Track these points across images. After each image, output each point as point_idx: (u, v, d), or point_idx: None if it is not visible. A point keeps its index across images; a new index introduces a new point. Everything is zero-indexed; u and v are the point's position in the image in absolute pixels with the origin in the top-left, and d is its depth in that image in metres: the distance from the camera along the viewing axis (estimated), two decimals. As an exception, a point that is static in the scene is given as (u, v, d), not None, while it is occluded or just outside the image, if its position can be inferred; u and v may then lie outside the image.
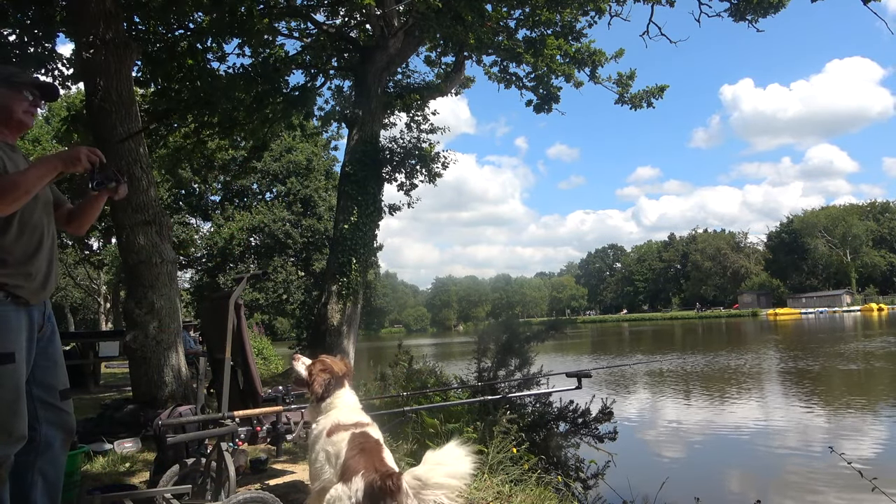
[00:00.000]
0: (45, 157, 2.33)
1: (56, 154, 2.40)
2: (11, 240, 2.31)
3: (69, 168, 2.35)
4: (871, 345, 22.51)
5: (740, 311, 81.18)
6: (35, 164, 2.29)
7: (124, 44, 6.59)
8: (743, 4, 11.10)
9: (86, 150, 2.37)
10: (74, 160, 2.34)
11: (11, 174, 2.25)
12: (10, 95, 2.49)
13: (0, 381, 2.19)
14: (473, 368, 6.28)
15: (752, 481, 6.92)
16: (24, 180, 2.22)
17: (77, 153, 2.36)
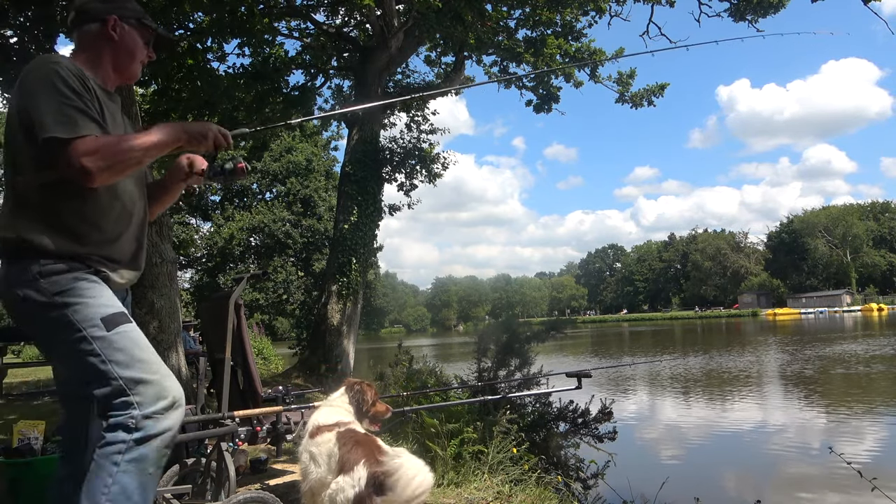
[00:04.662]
0: (165, 124, 1.91)
1: (180, 124, 1.98)
2: (98, 212, 1.89)
3: (192, 145, 1.95)
4: (871, 345, 22.51)
5: (740, 311, 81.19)
6: (154, 130, 1.87)
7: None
8: (743, 4, 11.11)
9: (216, 130, 2.00)
10: (200, 137, 1.95)
11: (122, 137, 1.83)
12: (138, 38, 2.10)
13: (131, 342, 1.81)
14: (473, 368, 6.28)
15: (751, 481, 6.92)
16: (137, 147, 1.80)
17: (206, 130, 1.98)
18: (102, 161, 1.73)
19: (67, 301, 1.76)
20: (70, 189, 1.81)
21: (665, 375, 16.17)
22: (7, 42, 7.88)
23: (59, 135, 1.71)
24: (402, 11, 11.44)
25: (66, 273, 1.79)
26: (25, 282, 1.78)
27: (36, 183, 1.80)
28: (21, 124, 1.80)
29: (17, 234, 1.80)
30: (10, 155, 1.86)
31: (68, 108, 1.75)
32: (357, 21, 12.98)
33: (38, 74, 1.80)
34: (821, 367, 16.16)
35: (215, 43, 9.70)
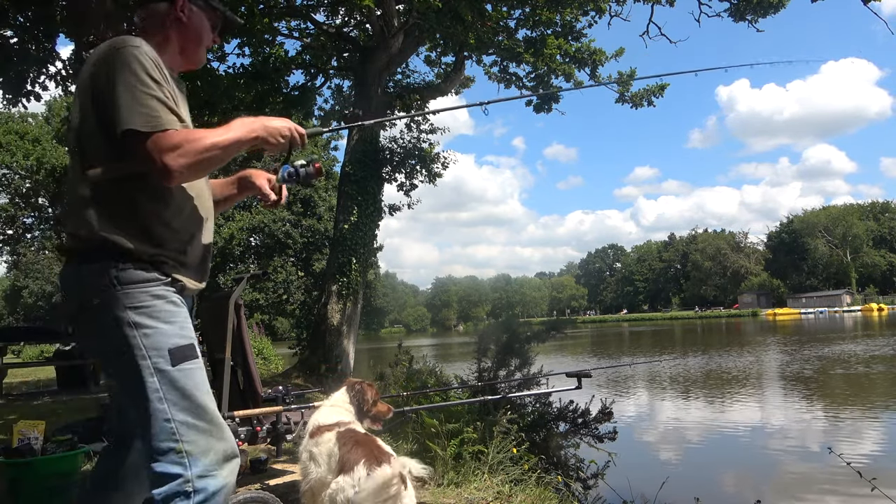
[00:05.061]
0: (245, 119, 1.76)
1: (260, 120, 1.78)
2: (173, 211, 1.73)
3: (268, 143, 1.77)
4: (871, 345, 22.51)
5: (740, 311, 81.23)
6: (235, 126, 1.72)
7: (124, 44, 6.60)
8: (743, 4, 11.11)
9: (294, 128, 1.83)
10: (277, 135, 1.78)
11: (203, 133, 1.65)
12: (205, 20, 1.95)
13: (193, 383, 1.63)
14: (473, 368, 6.28)
15: (751, 481, 6.92)
16: (219, 144, 1.64)
17: (286, 127, 1.80)
18: (184, 158, 1.59)
19: (140, 322, 1.61)
20: (145, 185, 1.67)
21: (665, 376, 16.17)
22: (7, 42, 7.87)
23: (140, 128, 1.57)
24: (402, 11, 11.44)
25: (144, 284, 1.64)
26: (100, 286, 1.62)
27: (108, 176, 1.64)
28: (94, 111, 1.65)
29: (92, 230, 1.64)
30: (79, 142, 1.70)
31: (149, 98, 1.61)
32: (357, 21, 12.98)
33: (118, 57, 1.63)
34: (820, 368, 16.16)
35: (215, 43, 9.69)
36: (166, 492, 1.55)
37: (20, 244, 29.31)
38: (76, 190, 1.68)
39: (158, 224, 1.69)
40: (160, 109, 1.61)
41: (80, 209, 1.66)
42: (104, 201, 1.65)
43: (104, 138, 1.64)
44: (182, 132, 1.62)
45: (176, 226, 1.73)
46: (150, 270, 1.65)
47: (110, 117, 1.60)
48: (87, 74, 1.69)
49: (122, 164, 1.64)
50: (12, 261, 40.15)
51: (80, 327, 1.73)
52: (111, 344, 1.63)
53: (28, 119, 26.04)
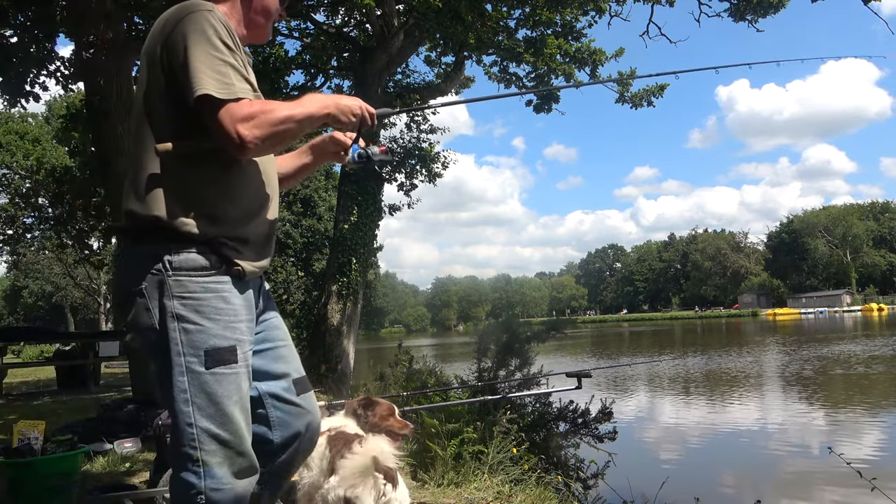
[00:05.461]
0: (317, 95, 1.68)
1: (332, 97, 1.70)
2: (239, 187, 1.62)
3: (338, 121, 1.67)
4: (871, 345, 22.51)
5: (740, 311, 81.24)
6: (306, 101, 1.61)
7: (124, 44, 6.60)
8: (743, 4, 11.09)
9: (365, 107, 1.73)
10: (349, 113, 1.68)
11: (277, 104, 1.55)
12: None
13: (225, 391, 1.52)
14: (473, 368, 6.28)
15: (751, 481, 6.92)
16: (294, 117, 1.54)
17: (357, 106, 1.70)
18: (259, 130, 1.48)
19: (184, 314, 1.50)
20: (213, 159, 1.56)
21: (665, 376, 16.17)
22: (7, 42, 7.87)
23: (215, 93, 1.45)
24: (402, 11, 11.43)
25: (197, 273, 1.52)
26: (151, 271, 1.51)
27: (178, 151, 1.53)
28: (164, 79, 1.54)
29: (151, 210, 1.52)
30: (147, 114, 1.58)
31: (223, 64, 1.50)
32: (357, 21, 12.97)
33: (190, 21, 1.52)
34: (820, 368, 16.16)
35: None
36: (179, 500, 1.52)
37: (20, 244, 29.29)
38: (139, 165, 1.56)
39: (223, 201, 1.58)
40: (234, 76, 1.51)
41: (141, 186, 1.54)
42: (170, 177, 1.54)
43: (173, 109, 1.54)
44: (257, 102, 1.53)
45: (242, 203, 1.62)
46: (207, 256, 1.54)
47: (181, 84, 1.50)
48: (154, 41, 1.58)
49: (192, 138, 1.54)
50: (12, 261, 40.14)
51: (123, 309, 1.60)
52: (152, 333, 1.53)
53: (28, 119, 26.03)
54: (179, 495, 1.51)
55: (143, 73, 1.61)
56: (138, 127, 1.60)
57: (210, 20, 1.53)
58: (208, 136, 1.51)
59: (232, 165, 1.60)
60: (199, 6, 1.56)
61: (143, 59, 1.62)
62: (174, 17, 1.55)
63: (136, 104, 1.63)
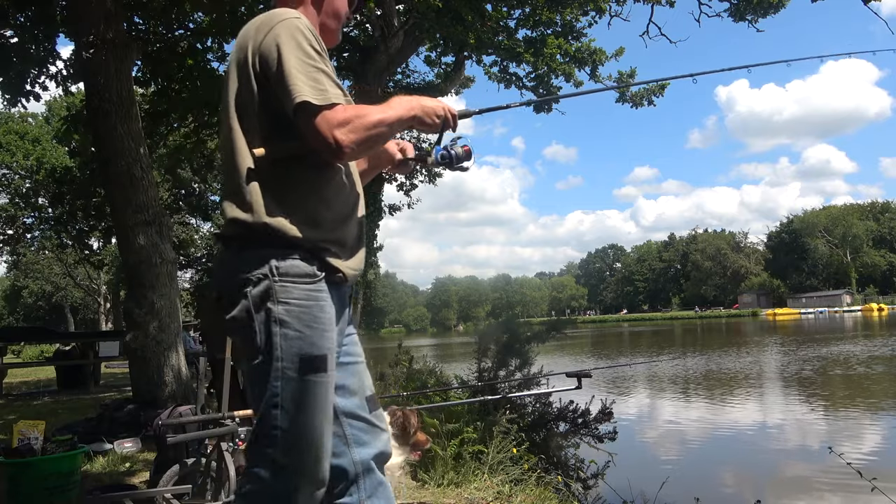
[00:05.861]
0: (403, 98, 1.69)
1: (417, 99, 1.70)
2: (333, 191, 1.64)
3: (423, 123, 1.69)
4: (871, 346, 22.52)
5: (740, 311, 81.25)
6: (394, 103, 1.64)
7: (124, 44, 6.60)
8: (743, 4, 11.10)
9: (448, 108, 1.75)
10: (433, 115, 1.70)
11: (368, 109, 1.57)
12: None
13: (313, 399, 1.53)
14: (473, 368, 6.29)
15: (751, 481, 6.92)
16: (384, 121, 1.57)
17: (441, 107, 1.72)
18: (354, 134, 1.51)
19: (286, 320, 1.51)
20: (308, 163, 1.59)
21: (665, 376, 16.17)
22: (7, 42, 7.87)
23: (313, 101, 1.48)
24: (402, 11, 11.44)
25: (302, 280, 1.54)
26: (257, 277, 1.53)
27: (274, 155, 1.56)
28: (256, 86, 1.57)
29: (256, 216, 1.54)
30: (240, 119, 1.60)
31: (316, 71, 1.53)
32: (357, 21, 12.98)
33: (282, 29, 1.56)
34: (820, 368, 16.16)
35: (215, 43, 9.69)
36: (251, 492, 1.55)
37: (20, 244, 29.30)
38: (236, 171, 1.58)
39: (320, 205, 1.60)
40: (327, 83, 1.53)
41: (242, 192, 1.56)
42: (267, 182, 1.56)
43: (266, 115, 1.57)
44: (350, 107, 1.55)
45: (336, 206, 1.64)
46: (310, 262, 1.56)
47: (276, 91, 1.54)
48: (245, 48, 1.61)
49: (286, 143, 1.57)
50: (12, 261, 40.15)
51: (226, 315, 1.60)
52: (254, 336, 1.54)
53: (28, 119, 26.03)
54: (252, 488, 1.54)
55: (233, 80, 1.64)
56: (230, 133, 1.62)
57: (300, 27, 1.57)
58: (302, 141, 1.54)
59: (324, 169, 1.63)
60: (288, 14, 1.60)
61: (232, 67, 1.65)
62: (265, 25, 1.59)
63: (225, 111, 1.66)
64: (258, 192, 1.55)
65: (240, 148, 1.58)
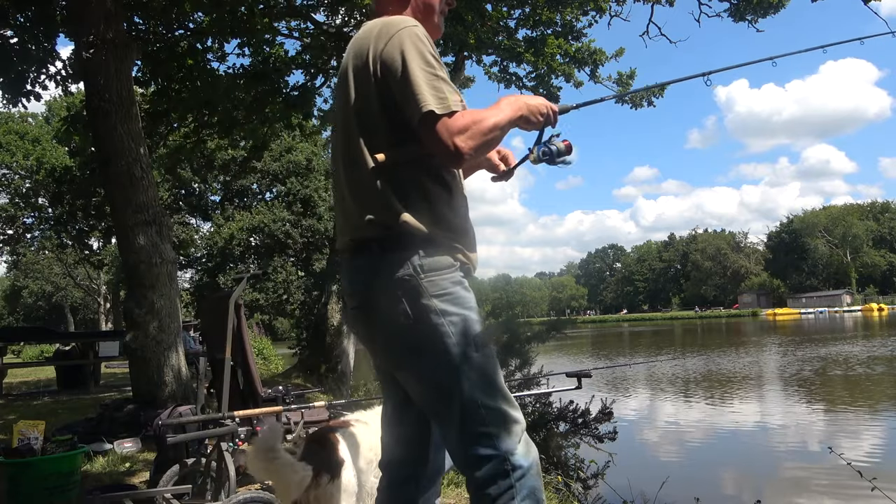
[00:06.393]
0: (510, 98, 1.71)
1: (522, 98, 1.73)
2: (452, 192, 1.70)
3: (529, 122, 1.73)
4: (871, 346, 22.51)
5: (740, 311, 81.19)
6: (503, 105, 1.67)
7: (124, 44, 6.60)
8: (743, 4, 11.09)
9: (550, 105, 1.78)
10: (537, 113, 1.73)
11: (482, 113, 1.61)
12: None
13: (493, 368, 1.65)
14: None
15: (751, 481, 6.92)
16: (498, 125, 1.62)
17: (544, 106, 1.75)
18: (473, 140, 1.56)
19: (446, 309, 1.58)
20: (430, 167, 1.65)
21: (665, 376, 16.17)
22: (7, 42, 7.87)
23: (437, 110, 1.53)
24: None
25: (444, 271, 1.61)
26: (404, 277, 1.58)
27: (399, 160, 1.61)
28: (377, 93, 1.62)
29: (393, 217, 1.59)
30: (355, 128, 1.66)
31: (437, 79, 1.58)
32: (357, 21, 12.96)
33: (403, 38, 1.60)
34: (820, 368, 16.16)
35: (215, 43, 9.69)
36: (488, 473, 1.58)
37: (20, 244, 29.31)
38: (365, 176, 1.63)
39: (443, 205, 1.66)
40: (447, 90, 1.58)
41: (375, 195, 1.62)
42: (397, 187, 1.61)
43: (386, 120, 1.62)
44: (467, 113, 1.59)
45: (455, 206, 1.70)
46: (445, 254, 1.63)
47: (399, 99, 1.58)
48: (364, 56, 1.65)
49: (409, 148, 1.61)
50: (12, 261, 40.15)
51: (380, 322, 1.65)
52: (418, 335, 1.59)
53: (28, 119, 26.04)
54: (486, 470, 1.59)
55: (350, 87, 1.68)
56: (350, 139, 1.68)
57: (420, 36, 1.62)
58: (421, 144, 1.60)
59: (442, 171, 1.68)
60: (407, 22, 1.65)
61: (349, 74, 1.69)
62: (385, 34, 1.63)
63: (344, 118, 1.71)
64: (391, 195, 1.60)
65: (365, 154, 1.63)
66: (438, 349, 1.58)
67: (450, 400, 1.59)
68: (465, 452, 1.61)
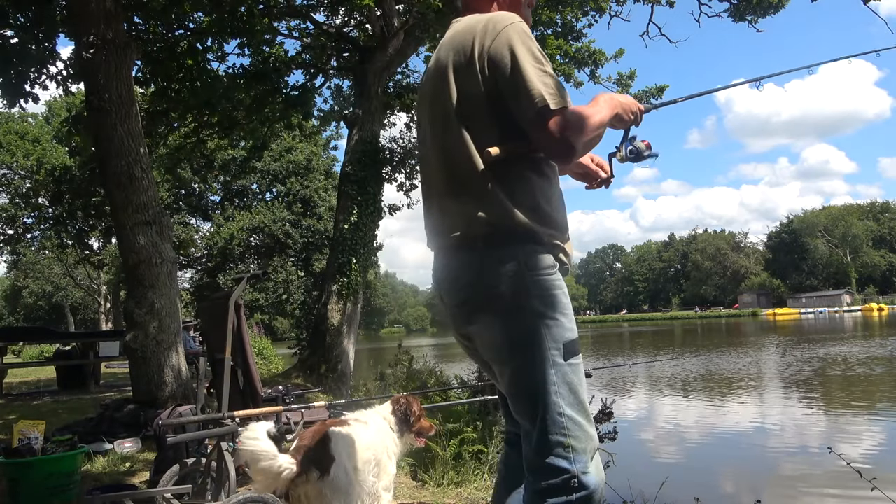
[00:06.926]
0: (605, 97, 1.72)
1: (616, 98, 1.74)
2: (553, 188, 1.70)
3: (622, 120, 1.74)
4: (871, 346, 22.51)
5: (740, 311, 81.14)
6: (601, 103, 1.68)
7: (124, 44, 6.60)
8: (743, 4, 11.09)
9: (638, 105, 1.79)
10: (629, 111, 1.74)
11: (587, 110, 1.62)
12: None
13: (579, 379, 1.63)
14: (473, 368, 6.29)
15: (751, 481, 6.92)
16: (602, 122, 1.63)
17: (633, 104, 1.76)
18: (583, 136, 1.57)
19: (545, 311, 1.59)
20: (533, 163, 1.64)
21: (665, 376, 16.17)
22: (7, 42, 7.87)
23: (551, 104, 1.53)
24: (402, 11, 11.44)
25: (547, 271, 1.61)
26: (510, 272, 1.58)
27: (504, 156, 1.59)
28: (483, 88, 1.61)
29: (500, 214, 1.58)
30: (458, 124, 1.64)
31: (545, 75, 1.57)
32: (357, 21, 12.97)
33: (510, 35, 1.60)
34: (820, 368, 16.16)
35: (215, 43, 9.69)
36: (554, 485, 1.56)
37: (20, 244, 29.30)
38: (473, 173, 1.61)
39: (545, 202, 1.65)
40: (555, 86, 1.57)
41: (482, 192, 1.60)
42: (503, 182, 1.60)
43: (493, 116, 1.61)
44: (576, 110, 1.59)
45: (555, 203, 1.69)
46: (548, 254, 1.63)
47: (508, 94, 1.57)
48: (468, 52, 1.64)
49: (517, 143, 1.60)
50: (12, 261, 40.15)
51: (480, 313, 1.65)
52: (516, 332, 1.60)
53: (28, 119, 26.03)
54: (551, 480, 1.56)
55: (450, 83, 1.66)
56: (452, 135, 1.65)
57: (527, 32, 1.63)
58: (530, 140, 1.59)
59: (545, 168, 1.67)
60: (511, 18, 1.64)
61: (448, 70, 1.68)
62: (492, 31, 1.62)
63: (444, 115, 1.68)
64: (498, 192, 1.59)
65: (471, 150, 1.61)
66: (535, 351, 1.58)
67: (536, 400, 1.59)
68: (540, 459, 1.59)
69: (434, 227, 1.76)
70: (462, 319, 1.70)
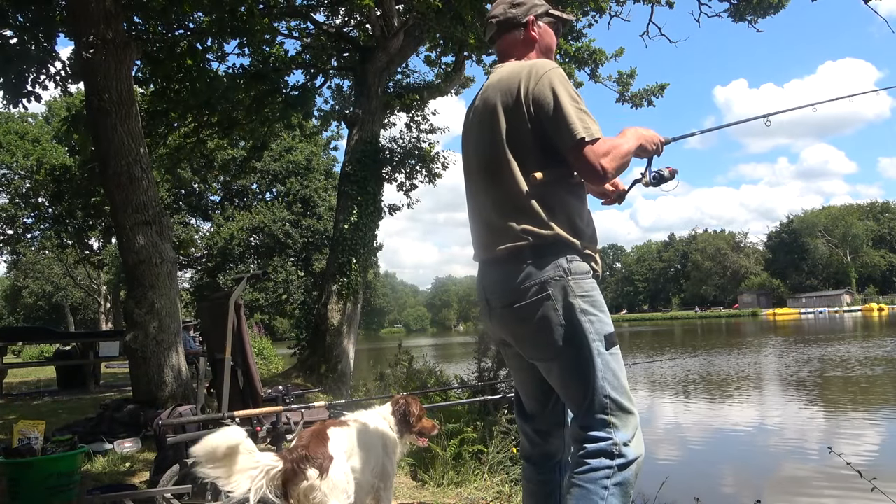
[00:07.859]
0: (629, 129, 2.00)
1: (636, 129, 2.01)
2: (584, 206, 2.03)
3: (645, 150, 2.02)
4: (871, 346, 22.51)
5: (740, 311, 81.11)
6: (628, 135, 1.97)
7: (124, 44, 6.60)
8: (743, 5, 11.09)
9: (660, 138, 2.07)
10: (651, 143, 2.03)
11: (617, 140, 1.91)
12: (551, 30, 2.17)
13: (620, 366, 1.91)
14: (473, 368, 6.29)
15: (751, 481, 6.92)
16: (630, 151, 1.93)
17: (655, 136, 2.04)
18: (614, 162, 1.85)
19: (587, 309, 1.87)
20: (569, 185, 1.95)
21: (665, 376, 16.17)
22: (7, 42, 7.87)
23: (588, 138, 1.82)
24: (402, 11, 11.43)
25: (585, 275, 1.90)
26: (555, 278, 1.87)
27: (548, 179, 1.88)
28: (530, 124, 1.91)
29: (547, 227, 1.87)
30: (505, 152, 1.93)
31: (581, 112, 1.87)
32: (357, 21, 12.97)
33: (552, 79, 1.90)
34: (820, 368, 16.16)
35: (215, 43, 9.69)
36: (596, 447, 1.81)
37: (20, 244, 29.28)
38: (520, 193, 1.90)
39: (579, 219, 1.95)
40: (590, 121, 1.86)
41: (529, 209, 1.89)
42: (545, 201, 1.89)
43: (537, 146, 1.91)
44: (607, 140, 1.87)
45: (586, 219, 1.99)
46: (584, 262, 1.92)
47: (550, 129, 1.88)
48: (514, 94, 1.93)
49: (556, 170, 1.90)
50: (12, 261, 40.15)
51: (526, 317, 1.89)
52: (565, 327, 1.86)
53: (28, 119, 26.02)
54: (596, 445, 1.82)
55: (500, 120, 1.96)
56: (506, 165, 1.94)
57: (564, 76, 1.93)
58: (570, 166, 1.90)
59: (578, 189, 2.00)
60: (550, 65, 1.97)
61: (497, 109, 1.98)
62: (536, 76, 1.93)
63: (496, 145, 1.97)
64: (541, 209, 1.89)
65: (518, 175, 1.92)
66: (582, 344, 1.85)
67: (585, 388, 1.85)
68: (584, 431, 1.84)
69: (482, 242, 2.04)
70: (510, 320, 1.96)
